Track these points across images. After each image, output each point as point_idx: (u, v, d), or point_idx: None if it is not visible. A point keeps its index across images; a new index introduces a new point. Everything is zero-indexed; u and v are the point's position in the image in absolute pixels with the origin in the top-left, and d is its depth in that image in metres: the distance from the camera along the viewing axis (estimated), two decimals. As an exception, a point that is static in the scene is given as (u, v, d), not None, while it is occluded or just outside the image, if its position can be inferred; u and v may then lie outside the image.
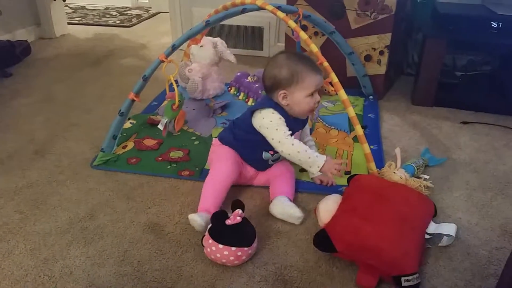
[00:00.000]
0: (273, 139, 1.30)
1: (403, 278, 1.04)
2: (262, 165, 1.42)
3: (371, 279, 1.07)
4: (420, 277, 1.06)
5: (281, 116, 1.30)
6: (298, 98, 1.29)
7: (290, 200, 1.32)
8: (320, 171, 1.27)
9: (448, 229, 1.20)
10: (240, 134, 1.38)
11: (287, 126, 1.31)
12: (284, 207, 1.29)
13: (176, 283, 1.09)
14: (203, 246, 1.15)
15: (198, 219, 1.20)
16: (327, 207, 1.23)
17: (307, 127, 1.46)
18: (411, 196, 1.23)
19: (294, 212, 1.27)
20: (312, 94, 1.30)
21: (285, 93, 1.29)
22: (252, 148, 1.37)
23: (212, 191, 1.29)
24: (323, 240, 1.12)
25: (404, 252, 1.06)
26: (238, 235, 1.12)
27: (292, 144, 1.27)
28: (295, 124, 1.36)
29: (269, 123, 1.30)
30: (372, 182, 1.29)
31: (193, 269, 1.13)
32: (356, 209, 1.16)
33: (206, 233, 1.14)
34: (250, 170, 1.42)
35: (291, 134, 1.32)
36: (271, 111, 1.30)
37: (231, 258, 1.10)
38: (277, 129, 1.29)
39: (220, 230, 1.12)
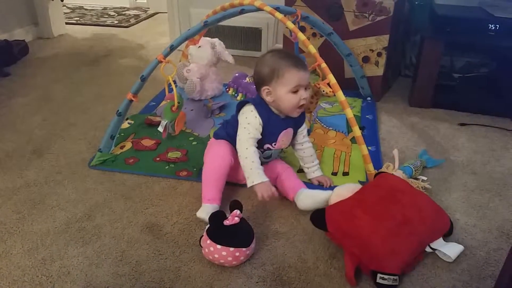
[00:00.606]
0: (238, 135, 1.32)
1: (379, 275, 1.05)
2: None
3: (350, 265, 1.08)
4: (398, 280, 1.06)
5: (257, 116, 1.31)
6: (280, 94, 1.29)
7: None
8: (251, 187, 1.29)
9: (450, 250, 1.16)
10: (230, 130, 1.39)
11: (269, 123, 1.32)
12: (314, 198, 1.31)
13: (174, 284, 1.09)
14: (201, 247, 1.15)
15: (206, 217, 1.22)
16: (340, 192, 1.26)
17: (304, 128, 1.45)
18: (426, 206, 1.19)
19: (326, 194, 1.30)
20: (296, 91, 1.29)
21: (268, 89, 1.31)
22: None
23: (211, 179, 1.32)
24: (318, 217, 1.18)
25: (391, 251, 1.07)
26: (236, 236, 1.12)
27: (246, 148, 1.29)
28: (283, 122, 1.36)
29: (244, 119, 1.32)
30: (392, 182, 1.26)
31: (191, 269, 1.13)
32: (363, 201, 1.18)
33: (204, 234, 1.14)
34: None
35: (277, 133, 1.35)
36: (250, 108, 1.32)
37: (229, 258, 1.10)
38: (245, 128, 1.31)
39: (218, 230, 1.12)
